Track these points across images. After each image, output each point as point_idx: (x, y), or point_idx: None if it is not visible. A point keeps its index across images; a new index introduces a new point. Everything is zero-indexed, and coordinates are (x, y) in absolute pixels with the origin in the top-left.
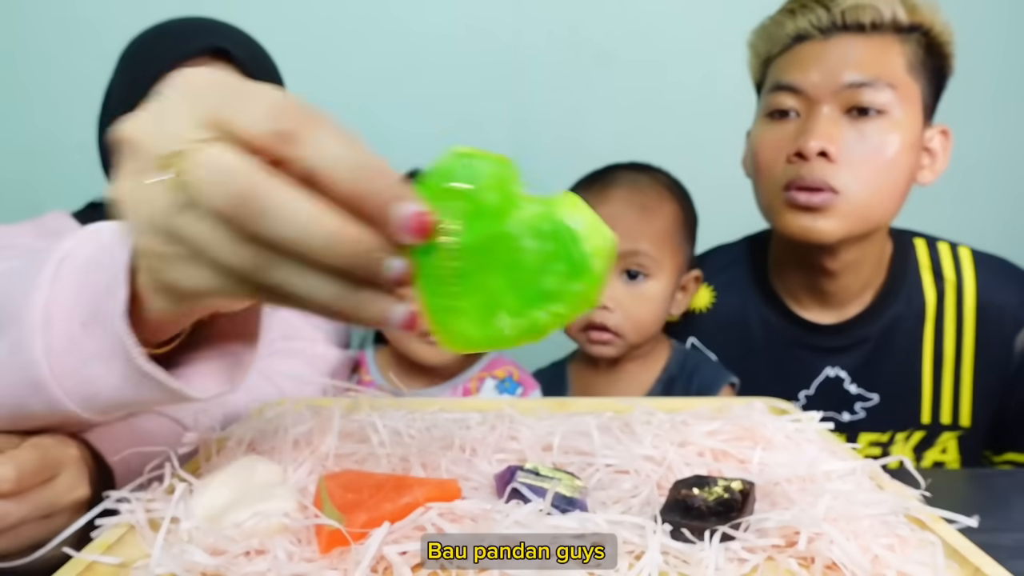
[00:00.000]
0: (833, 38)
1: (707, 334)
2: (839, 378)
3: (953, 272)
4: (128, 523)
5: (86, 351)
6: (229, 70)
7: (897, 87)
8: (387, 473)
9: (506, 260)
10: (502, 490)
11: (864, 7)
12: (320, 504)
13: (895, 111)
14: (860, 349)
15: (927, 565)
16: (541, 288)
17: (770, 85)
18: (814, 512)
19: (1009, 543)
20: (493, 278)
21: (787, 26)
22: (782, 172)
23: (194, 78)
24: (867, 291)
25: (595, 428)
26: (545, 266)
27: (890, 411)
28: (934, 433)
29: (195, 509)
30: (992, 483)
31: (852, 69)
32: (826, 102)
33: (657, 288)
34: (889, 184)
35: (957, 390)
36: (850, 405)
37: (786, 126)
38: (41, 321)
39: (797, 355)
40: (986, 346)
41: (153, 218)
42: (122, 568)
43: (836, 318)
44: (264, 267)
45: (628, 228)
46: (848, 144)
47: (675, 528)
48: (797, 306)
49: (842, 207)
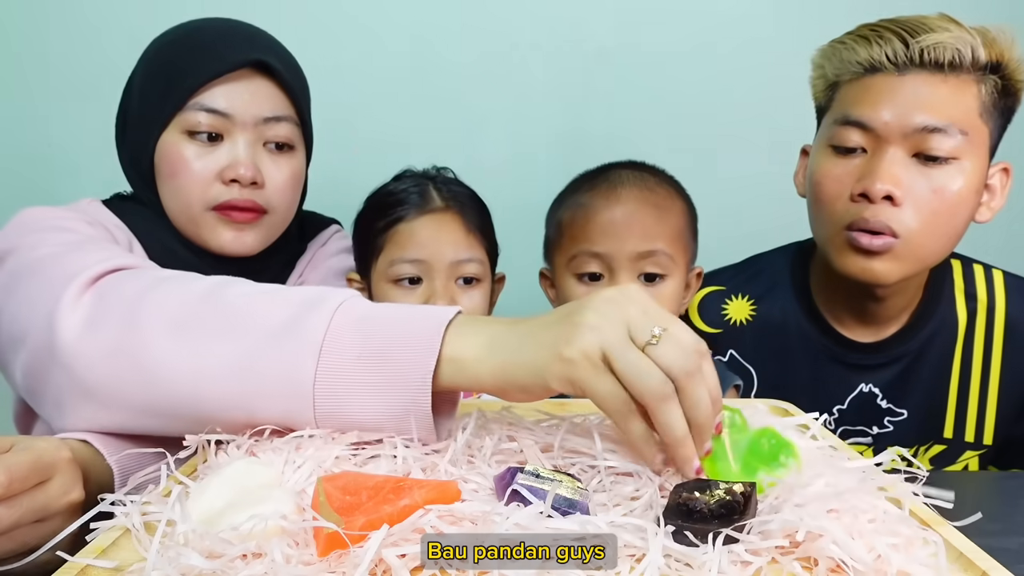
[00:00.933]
0: (909, 75)
1: (746, 347)
2: (872, 393)
3: (985, 293)
4: (123, 526)
5: (357, 380)
6: (269, 83)
7: (969, 133)
8: (386, 475)
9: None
10: (502, 492)
11: (945, 46)
12: (318, 507)
13: (964, 157)
14: (894, 367)
15: (931, 567)
16: (775, 461)
17: (837, 115)
18: (817, 513)
19: (1015, 546)
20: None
21: (860, 53)
22: (844, 210)
23: (633, 295)
24: (905, 311)
25: (596, 429)
26: (775, 455)
27: (916, 426)
28: (956, 450)
29: (192, 512)
30: (999, 486)
31: (925, 111)
32: (895, 143)
33: (673, 287)
34: (950, 228)
35: (982, 409)
36: (880, 420)
37: (851, 161)
38: (320, 344)
39: (834, 371)
40: (1012, 366)
41: (603, 343)
42: (117, 572)
43: (874, 336)
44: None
45: (645, 229)
46: (913, 187)
47: (677, 531)
48: (837, 323)
49: (901, 251)
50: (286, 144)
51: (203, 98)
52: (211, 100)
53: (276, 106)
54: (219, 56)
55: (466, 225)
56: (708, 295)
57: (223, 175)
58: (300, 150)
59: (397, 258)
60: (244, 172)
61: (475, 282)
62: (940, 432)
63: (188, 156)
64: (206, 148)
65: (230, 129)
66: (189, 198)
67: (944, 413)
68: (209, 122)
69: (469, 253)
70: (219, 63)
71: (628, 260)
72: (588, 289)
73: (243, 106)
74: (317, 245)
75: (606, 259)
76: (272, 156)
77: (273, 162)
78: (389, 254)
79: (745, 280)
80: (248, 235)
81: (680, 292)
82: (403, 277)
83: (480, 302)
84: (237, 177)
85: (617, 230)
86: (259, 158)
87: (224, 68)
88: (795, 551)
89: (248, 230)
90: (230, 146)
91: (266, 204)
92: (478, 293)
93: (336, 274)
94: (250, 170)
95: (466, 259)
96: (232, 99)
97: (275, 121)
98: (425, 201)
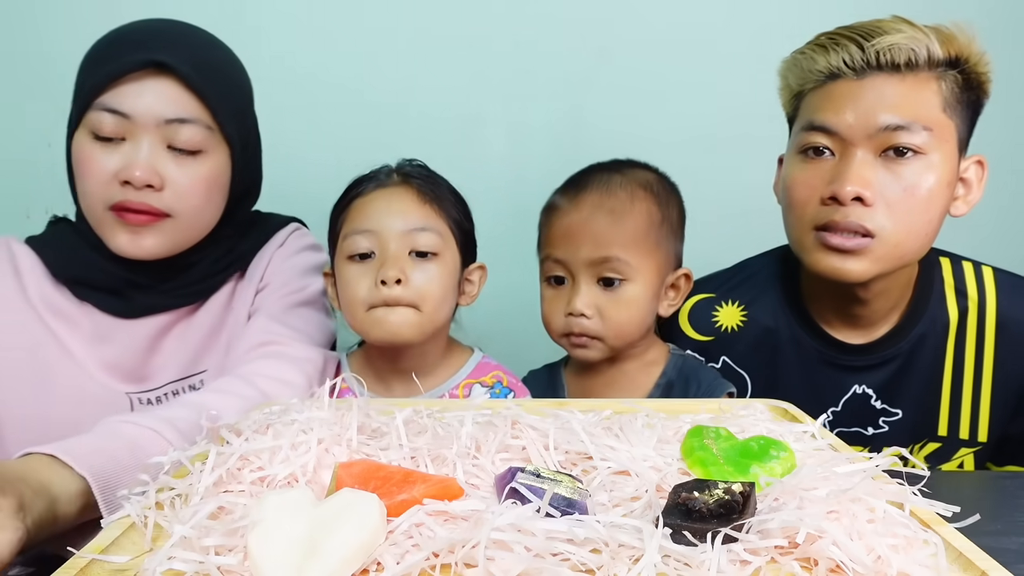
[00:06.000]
0: (867, 77)
1: (738, 353)
2: (866, 395)
3: (976, 291)
4: (127, 523)
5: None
6: (175, 85)
7: (933, 128)
8: (398, 467)
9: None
10: (502, 491)
11: (900, 47)
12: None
13: (931, 152)
14: (887, 367)
15: (930, 567)
16: (767, 456)
17: (803, 123)
18: (817, 514)
19: (1015, 546)
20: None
21: (819, 62)
22: (815, 213)
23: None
24: (895, 312)
25: (596, 430)
26: (766, 450)
27: (911, 425)
28: (951, 447)
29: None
30: (999, 486)
31: (887, 111)
32: (861, 144)
33: (636, 291)
34: (924, 224)
35: (976, 406)
36: (875, 420)
37: (820, 165)
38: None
39: (827, 373)
40: (1005, 363)
41: None
42: (121, 572)
43: (865, 338)
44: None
45: (597, 235)
46: (883, 185)
47: (676, 530)
48: (828, 326)
49: (876, 250)
50: (193, 147)
51: (106, 99)
52: (113, 101)
53: (180, 108)
54: (117, 57)
55: (421, 196)
56: (698, 303)
57: (119, 176)
58: (215, 153)
59: (349, 231)
60: (138, 174)
61: (431, 256)
62: (935, 430)
63: (91, 157)
64: (108, 149)
65: (132, 130)
66: (91, 199)
67: (938, 411)
68: (111, 123)
69: (423, 223)
70: (115, 64)
71: (584, 266)
72: (555, 293)
73: (144, 107)
74: (274, 246)
75: (566, 264)
76: (177, 159)
77: (178, 165)
78: (344, 231)
79: (735, 286)
80: (146, 239)
81: (647, 295)
82: (355, 252)
83: (437, 278)
84: (130, 179)
85: (573, 236)
86: (160, 161)
87: (119, 69)
88: (794, 551)
89: (145, 233)
90: (130, 147)
91: (166, 208)
92: (434, 267)
93: (300, 273)
94: (145, 172)
95: (418, 228)
96: (133, 100)
97: (179, 123)
98: (383, 178)
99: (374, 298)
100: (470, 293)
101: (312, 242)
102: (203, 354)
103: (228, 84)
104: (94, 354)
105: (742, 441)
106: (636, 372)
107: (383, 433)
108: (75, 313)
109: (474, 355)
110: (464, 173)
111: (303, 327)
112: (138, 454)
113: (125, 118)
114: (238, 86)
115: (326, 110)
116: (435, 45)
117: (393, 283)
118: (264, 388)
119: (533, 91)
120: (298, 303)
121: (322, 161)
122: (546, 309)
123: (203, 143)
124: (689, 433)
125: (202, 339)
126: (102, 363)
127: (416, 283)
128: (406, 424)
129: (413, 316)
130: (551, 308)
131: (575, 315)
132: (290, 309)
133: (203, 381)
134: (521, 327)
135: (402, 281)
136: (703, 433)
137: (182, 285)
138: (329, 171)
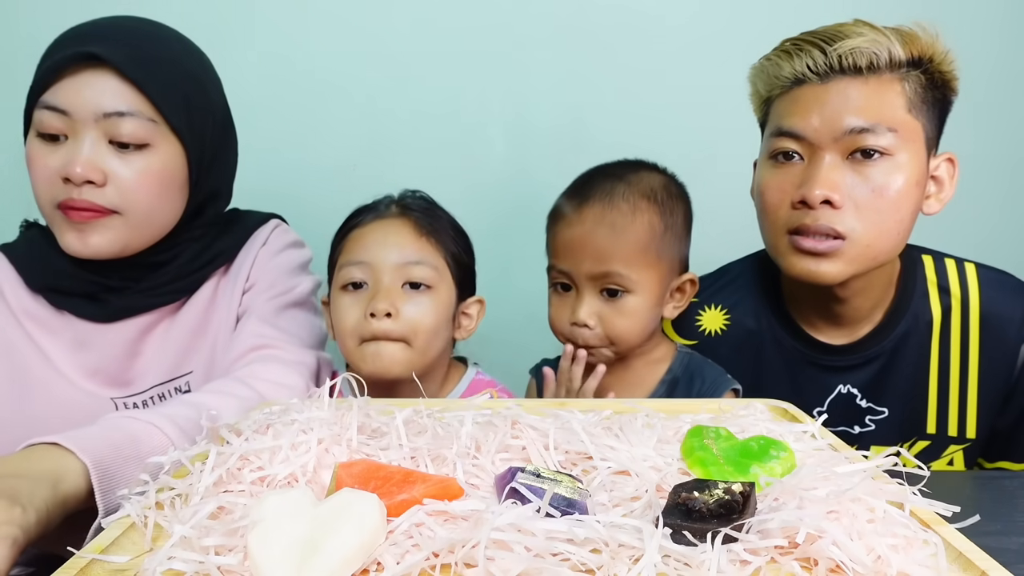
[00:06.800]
0: (831, 82)
1: (722, 357)
2: (851, 394)
3: (959, 287)
4: (127, 523)
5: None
6: (113, 78)
7: (899, 129)
8: (398, 467)
9: (743, 450)
10: (502, 491)
11: (861, 50)
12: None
13: (898, 152)
14: (871, 366)
15: (930, 567)
16: (767, 456)
17: (772, 128)
18: (817, 514)
19: (1015, 546)
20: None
21: (785, 68)
22: (787, 217)
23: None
24: (877, 310)
25: (596, 429)
26: (766, 450)
27: (899, 423)
28: (940, 444)
29: (278, 558)
30: (999, 486)
31: (852, 114)
32: (828, 148)
33: (638, 301)
34: (895, 223)
35: (964, 403)
36: (861, 419)
37: (790, 169)
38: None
39: (811, 375)
40: (990, 359)
41: None
42: (121, 572)
43: (848, 338)
44: None
45: (598, 249)
46: (852, 188)
47: (676, 530)
48: (810, 327)
49: (848, 251)
50: (137, 141)
51: (47, 96)
52: (53, 98)
53: (119, 101)
54: (57, 53)
55: (418, 229)
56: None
57: (60, 173)
58: (163, 147)
59: (345, 262)
60: (78, 171)
61: (424, 288)
62: (923, 428)
63: (37, 156)
64: (52, 147)
65: (73, 127)
66: (41, 199)
67: (926, 409)
68: (52, 120)
69: (418, 256)
70: (53, 60)
71: (586, 279)
72: (561, 299)
73: (82, 102)
74: (258, 244)
75: (569, 275)
76: (120, 154)
77: (122, 160)
78: (340, 261)
79: (717, 290)
80: (92, 236)
81: (650, 303)
82: (349, 282)
83: (430, 312)
84: (70, 176)
85: (575, 250)
86: (102, 156)
87: (56, 65)
88: (794, 551)
89: (91, 231)
90: (71, 144)
91: (110, 204)
92: (427, 300)
93: (287, 273)
94: (84, 168)
95: (413, 261)
96: (72, 96)
97: (118, 116)
98: (382, 209)
99: (364, 330)
100: (467, 327)
101: (295, 238)
102: (188, 355)
103: (174, 76)
104: (76, 362)
105: (742, 441)
106: (642, 369)
107: (383, 433)
108: (54, 322)
109: (468, 372)
110: (464, 173)
111: (295, 329)
112: (138, 446)
113: (65, 115)
114: (190, 79)
115: (325, 111)
116: (435, 45)
117: (383, 316)
118: (262, 391)
119: (533, 91)
120: (288, 304)
121: (323, 161)
122: (553, 314)
123: (147, 136)
124: (689, 433)
125: (186, 339)
126: (84, 370)
127: (407, 316)
128: (406, 424)
129: (403, 352)
130: (557, 314)
131: (579, 325)
132: (280, 311)
133: (189, 383)
134: (521, 326)
135: (392, 315)
136: (703, 433)
137: (158, 284)
138: (329, 171)
